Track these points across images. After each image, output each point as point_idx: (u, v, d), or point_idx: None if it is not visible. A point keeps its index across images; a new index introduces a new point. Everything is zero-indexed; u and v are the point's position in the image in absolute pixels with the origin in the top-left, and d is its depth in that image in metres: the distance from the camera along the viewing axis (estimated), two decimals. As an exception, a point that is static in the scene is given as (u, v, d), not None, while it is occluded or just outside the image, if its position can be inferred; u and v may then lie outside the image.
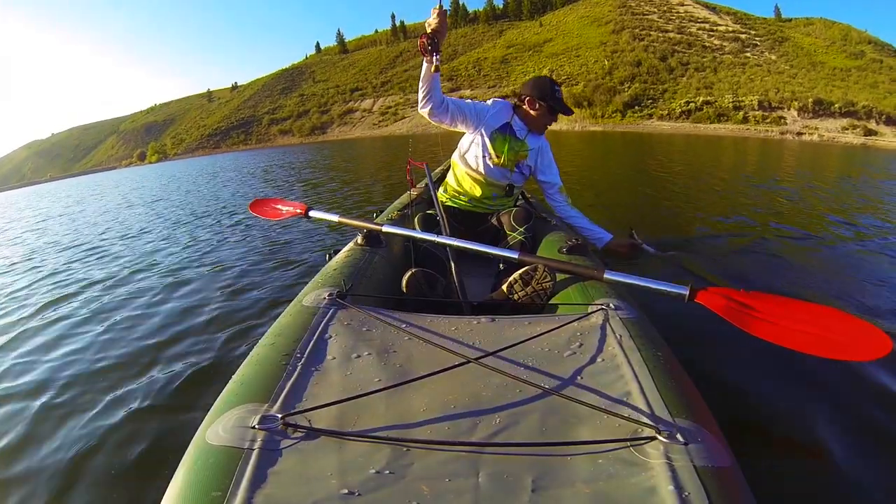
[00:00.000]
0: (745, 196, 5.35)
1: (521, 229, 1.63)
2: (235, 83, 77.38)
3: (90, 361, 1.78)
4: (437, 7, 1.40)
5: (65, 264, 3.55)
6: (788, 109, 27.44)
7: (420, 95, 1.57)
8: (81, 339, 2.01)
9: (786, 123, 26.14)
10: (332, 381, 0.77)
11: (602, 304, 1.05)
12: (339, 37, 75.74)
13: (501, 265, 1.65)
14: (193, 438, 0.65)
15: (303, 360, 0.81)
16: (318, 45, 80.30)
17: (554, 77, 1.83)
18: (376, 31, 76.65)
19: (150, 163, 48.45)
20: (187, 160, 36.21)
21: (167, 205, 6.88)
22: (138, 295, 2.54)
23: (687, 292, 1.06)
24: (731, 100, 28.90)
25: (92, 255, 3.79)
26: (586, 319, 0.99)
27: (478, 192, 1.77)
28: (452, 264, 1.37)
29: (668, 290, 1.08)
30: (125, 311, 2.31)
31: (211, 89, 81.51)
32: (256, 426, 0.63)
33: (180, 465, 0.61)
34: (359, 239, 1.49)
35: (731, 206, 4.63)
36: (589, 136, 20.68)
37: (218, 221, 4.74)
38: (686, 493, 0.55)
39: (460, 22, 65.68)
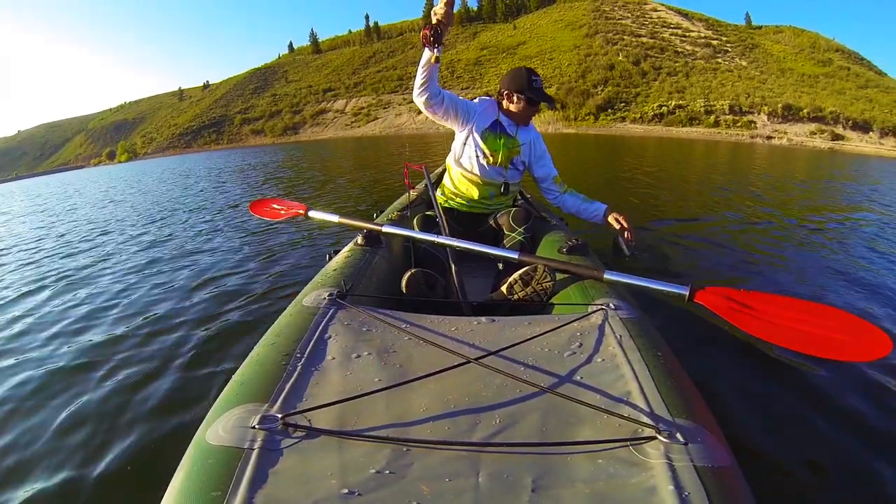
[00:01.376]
0: (724, 197, 5.45)
1: (521, 230, 1.62)
2: (207, 82, 76.37)
3: (88, 362, 1.78)
4: None
5: (55, 262, 3.54)
6: (758, 114, 28.31)
7: (417, 84, 1.54)
8: (79, 339, 2.01)
9: (756, 128, 26.96)
10: (332, 381, 0.77)
11: (602, 304, 1.05)
12: (313, 36, 74.60)
13: (501, 265, 1.65)
14: (193, 438, 0.65)
15: (303, 360, 0.81)
16: (290, 45, 79.10)
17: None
18: (350, 32, 76.17)
19: (120, 162, 47.08)
20: (158, 159, 35.53)
21: (155, 204, 6.80)
22: (136, 295, 2.53)
23: (687, 292, 1.06)
24: (702, 104, 29.75)
25: (81, 253, 3.78)
26: (586, 319, 0.99)
27: (475, 193, 1.77)
28: (452, 265, 1.37)
29: (668, 289, 1.08)
30: (122, 310, 2.31)
31: (182, 88, 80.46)
32: (256, 426, 0.63)
33: (180, 464, 0.61)
34: (359, 239, 1.49)
35: (712, 207, 4.70)
36: (562, 139, 20.84)
37: (211, 221, 4.73)
38: (686, 493, 0.55)
39: None
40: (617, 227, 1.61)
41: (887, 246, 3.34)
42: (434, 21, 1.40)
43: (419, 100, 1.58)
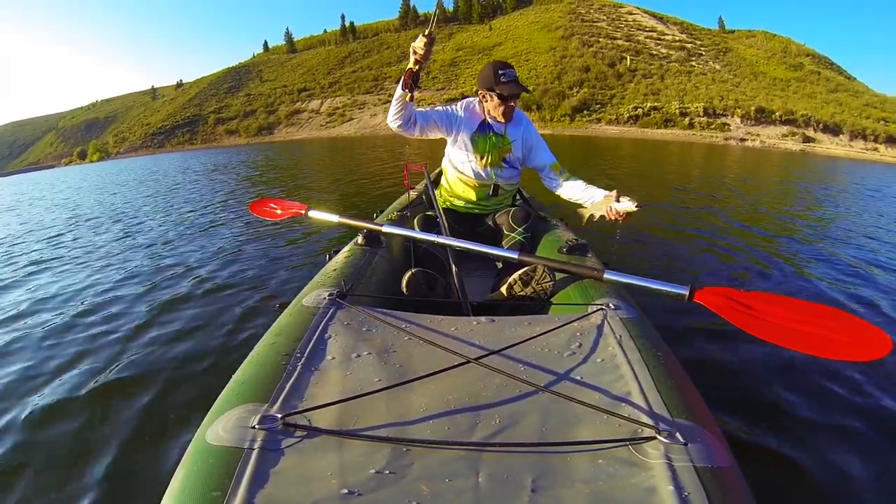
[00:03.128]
0: (703, 196, 5.61)
1: (520, 229, 1.62)
2: (181, 81, 74.11)
3: (88, 363, 1.78)
4: (427, 33, 1.36)
5: (57, 259, 3.55)
6: (732, 116, 29.20)
7: (391, 114, 1.55)
8: (77, 338, 2.01)
9: (730, 130, 27.86)
10: (332, 380, 0.77)
11: (602, 304, 1.05)
12: (288, 36, 73.38)
13: (500, 264, 1.65)
14: (193, 438, 0.65)
15: (303, 359, 0.81)
16: (265, 44, 77.29)
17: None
18: (325, 31, 74.98)
19: (92, 161, 44.65)
20: (132, 159, 34.43)
21: (146, 203, 6.70)
22: (133, 294, 2.53)
23: (687, 292, 1.05)
24: (677, 106, 30.50)
25: (73, 251, 3.77)
26: (586, 319, 0.99)
27: (471, 194, 1.77)
28: (452, 265, 1.37)
29: (668, 289, 1.08)
30: (119, 309, 2.31)
31: (155, 86, 78.61)
32: (256, 426, 0.63)
33: (180, 464, 0.61)
34: (359, 239, 1.49)
35: (690, 205, 4.82)
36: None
37: (208, 220, 4.72)
38: (686, 493, 0.55)
39: (410, 24, 65.94)
40: (612, 212, 1.44)
41: (875, 244, 3.36)
42: (414, 60, 1.39)
43: (393, 126, 1.59)
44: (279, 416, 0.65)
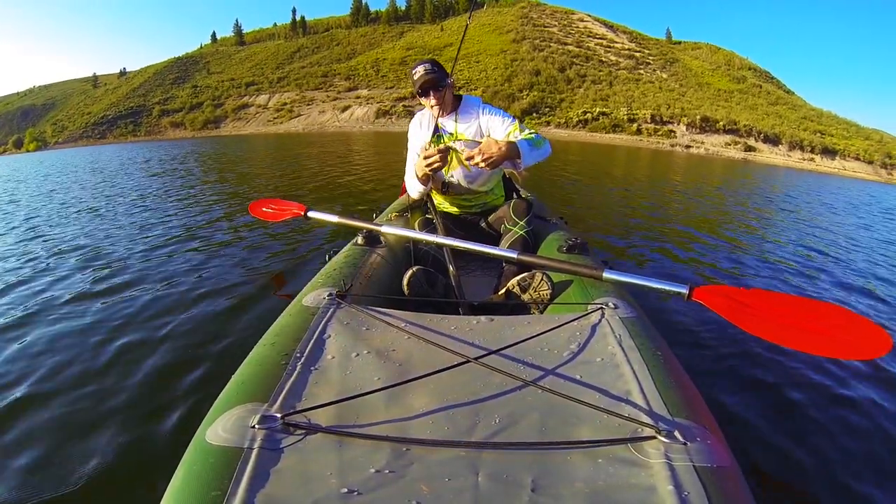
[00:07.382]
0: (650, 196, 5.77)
1: (522, 223, 1.58)
2: (124, 69, 72.21)
3: (88, 361, 1.78)
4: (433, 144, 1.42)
5: (55, 256, 3.54)
6: (678, 124, 30.62)
7: (416, 193, 1.69)
8: (78, 339, 2.00)
9: (676, 137, 29.28)
10: (331, 380, 0.77)
11: (601, 304, 1.05)
12: (237, 27, 72.81)
13: (503, 263, 1.64)
14: (193, 438, 0.65)
15: (302, 359, 0.81)
16: (214, 35, 77.44)
17: (453, 82, 1.74)
18: (275, 25, 74.67)
19: (28, 151, 41.75)
20: (72, 149, 31.88)
21: (134, 192, 6.46)
22: (134, 294, 2.53)
23: (686, 291, 1.05)
24: (625, 112, 31.83)
25: (75, 248, 3.76)
26: (585, 319, 0.99)
27: (457, 199, 1.77)
28: (451, 266, 1.37)
29: (667, 288, 1.08)
30: (121, 310, 2.30)
31: (97, 74, 75.15)
32: (256, 426, 0.63)
33: (180, 464, 0.61)
34: (358, 239, 1.49)
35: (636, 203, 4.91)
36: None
37: (205, 219, 4.68)
38: (685, 493, 0.55)
39: (361, 21, 65.99)
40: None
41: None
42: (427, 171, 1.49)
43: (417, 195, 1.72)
44: (279, 415, 0.65)
